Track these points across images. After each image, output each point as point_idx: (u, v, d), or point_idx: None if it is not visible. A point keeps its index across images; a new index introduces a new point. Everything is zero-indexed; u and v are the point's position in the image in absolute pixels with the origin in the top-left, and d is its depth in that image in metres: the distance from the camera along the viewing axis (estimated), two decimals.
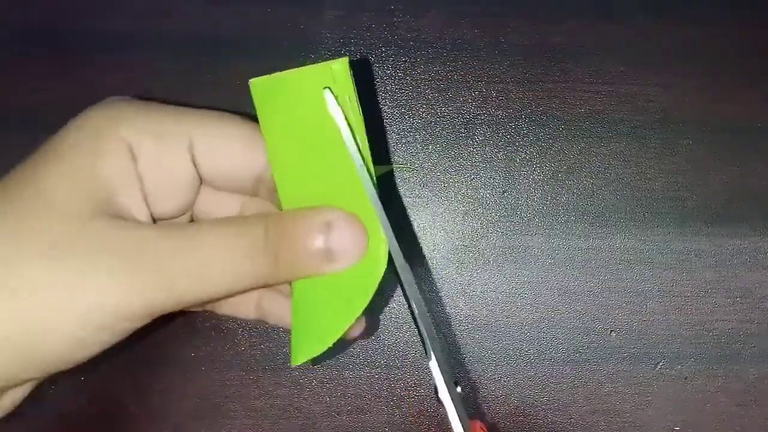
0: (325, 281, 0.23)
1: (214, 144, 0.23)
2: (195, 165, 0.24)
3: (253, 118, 0.24)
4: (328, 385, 0.32)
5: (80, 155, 0.22)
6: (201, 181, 0.25)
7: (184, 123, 0.23)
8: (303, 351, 0.24)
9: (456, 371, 0.33)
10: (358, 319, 0.24)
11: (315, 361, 0.28)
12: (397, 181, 0.33)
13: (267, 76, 0.23)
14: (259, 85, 0.23)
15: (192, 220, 0.26)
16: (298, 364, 0.24)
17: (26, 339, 0.20)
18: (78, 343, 0.21)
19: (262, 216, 0.23)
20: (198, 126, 0.23)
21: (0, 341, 0.20)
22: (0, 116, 0.32)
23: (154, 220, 0.24)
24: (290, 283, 0.24)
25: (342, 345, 0.26)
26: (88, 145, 0.22)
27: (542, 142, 0.34)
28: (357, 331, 0.26)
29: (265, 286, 0.23)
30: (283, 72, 0.23)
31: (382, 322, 0.33)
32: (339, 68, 0.23)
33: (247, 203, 0.27)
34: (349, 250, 0.22)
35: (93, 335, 0.21)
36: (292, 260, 0.22)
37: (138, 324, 0.22)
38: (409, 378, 0.33)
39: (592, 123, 0.34)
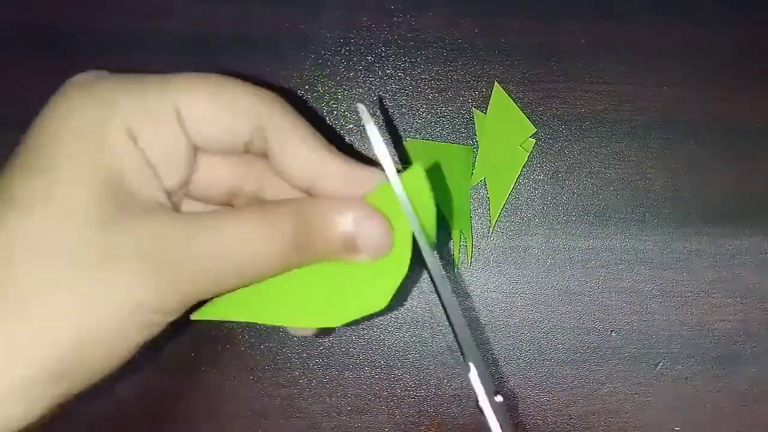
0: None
1: (200, 108, 0.23)
2: (186, 133, 0.23)
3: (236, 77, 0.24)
4: (328, 385, 0.32)
5: (85, 147, 0.21)
6: (195, 149, 0.24)
7: (169, 91, 0.22)
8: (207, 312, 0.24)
9: (457, 371, 0.33)
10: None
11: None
12: None
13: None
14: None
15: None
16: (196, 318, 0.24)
17: (75, 354, 0.20)
18: (115, 348, 0.21)
19: (290, 207, 0.23)
20: (181, 92, 0.23)
21: (49, 360, 0.20)
22: (0, 116, 0.32)
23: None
24: None
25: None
26: (89, 134, 0.21)
27: (542, 142, 0.34)
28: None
29: (289, 270, 0.24)
30: None
31: (382, 323, 0.33)
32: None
33: (240, 178, 0.26)
34: (373, 247, 0.23)
35: (131, 336, 0.21)
36: (318, 253, 0.23)
37: (172, 317, 0.22)
38: (409, 378, 0.33)
39: (592, 123, 0.34)
